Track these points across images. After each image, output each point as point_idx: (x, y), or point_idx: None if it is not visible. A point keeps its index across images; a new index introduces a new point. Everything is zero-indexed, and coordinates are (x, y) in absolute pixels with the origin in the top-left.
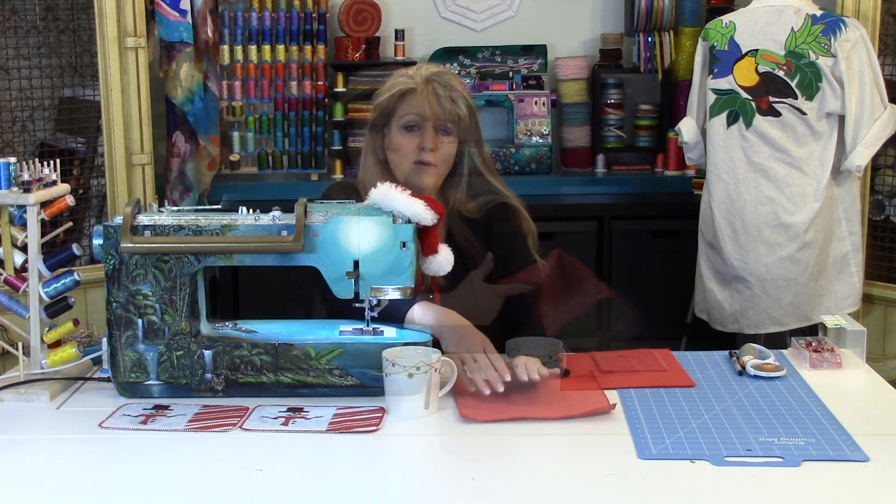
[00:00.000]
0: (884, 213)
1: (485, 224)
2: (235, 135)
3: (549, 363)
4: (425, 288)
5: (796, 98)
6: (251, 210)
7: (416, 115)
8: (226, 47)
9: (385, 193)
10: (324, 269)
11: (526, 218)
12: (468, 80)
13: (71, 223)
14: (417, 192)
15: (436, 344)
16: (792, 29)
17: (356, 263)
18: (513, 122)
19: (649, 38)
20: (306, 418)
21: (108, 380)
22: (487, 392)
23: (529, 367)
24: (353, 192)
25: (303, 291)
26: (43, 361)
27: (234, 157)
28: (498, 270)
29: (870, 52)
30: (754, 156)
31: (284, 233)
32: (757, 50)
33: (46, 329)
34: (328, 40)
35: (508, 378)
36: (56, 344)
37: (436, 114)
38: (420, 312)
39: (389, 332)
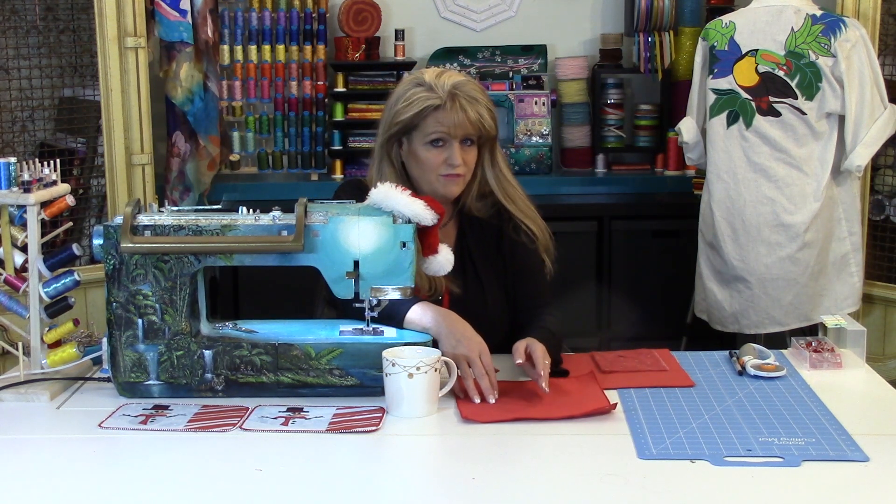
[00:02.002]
0: (884, 213)
1: (494, 224)
2: (235, 135)
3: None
4: (435, 290)
5: (796, 98)
6: (251, 210)
7: (443, 132)
8: (226, 47)
9: (385, 193)
10: (324, 269)
11: (531, 218)
12: None
13: (71, 223)
14: (443, 201)
15: (436, 344)
16: (792, 29)
17: (356, 263)
18: (513, 122)
19: (649, 38)
20: (306, 418)
21: (108, 380)
22: (478, 401)
23: (535, 354)
24: (366, 190)
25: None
26: (43, 361)
27: (234, 157)
28: (507, 272)
29: (870, 52)
30: (754, 156)
31: (284, 233)
32: (757, 50)
33: (46, 329)
34: (328, 40)
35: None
36: (56, 344)
37: (464, 130)
38: (419, 313)
39: (389, 332)
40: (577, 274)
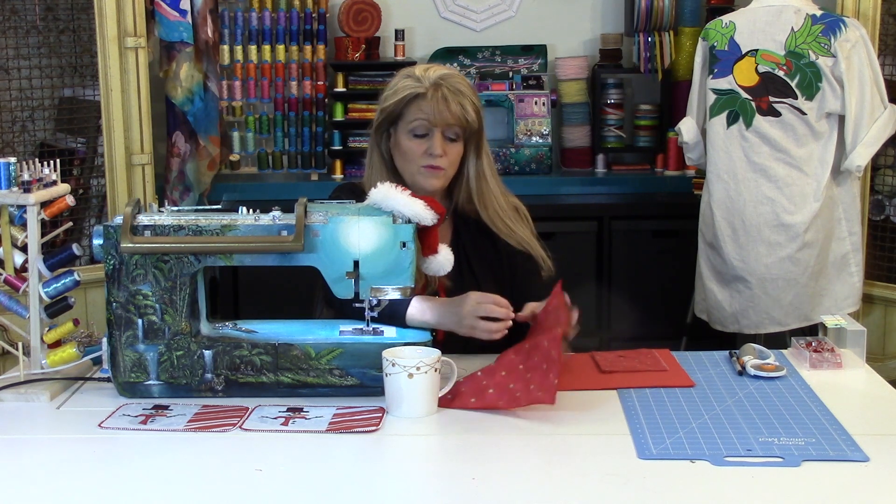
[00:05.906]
0: (884, 213)
1: (488, 225)
2: (235, 135)
3: None
4: (431, 290)
5: (796, 98)
6: (251, 210)
7: (424, 121)
8: (226, 47)
9: (385, 193)
10: (324, 269)
11: (497, 227)
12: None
13: (71, 223)
14: (423, 193)
15: (437, 344)
16: (792, 29)
17: (356, 263)
18: (513, 122)
19: (649, 38)
20: (306, 418)
21: (108, 380)
22: (506, 326)
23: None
24: (360, 193)
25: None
26: (43, 361)
27: (234, 157)
28: (503, 271)
29: (870, 52)
30: (754, 156)
31: (284, 233)
32: (757, 50)
33: (46, 329)
34: (328, 40)
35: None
36: (56, 344)
37: (445, 119)
38: (419, 309)
39: (389, 332)
40: (577, 274)
